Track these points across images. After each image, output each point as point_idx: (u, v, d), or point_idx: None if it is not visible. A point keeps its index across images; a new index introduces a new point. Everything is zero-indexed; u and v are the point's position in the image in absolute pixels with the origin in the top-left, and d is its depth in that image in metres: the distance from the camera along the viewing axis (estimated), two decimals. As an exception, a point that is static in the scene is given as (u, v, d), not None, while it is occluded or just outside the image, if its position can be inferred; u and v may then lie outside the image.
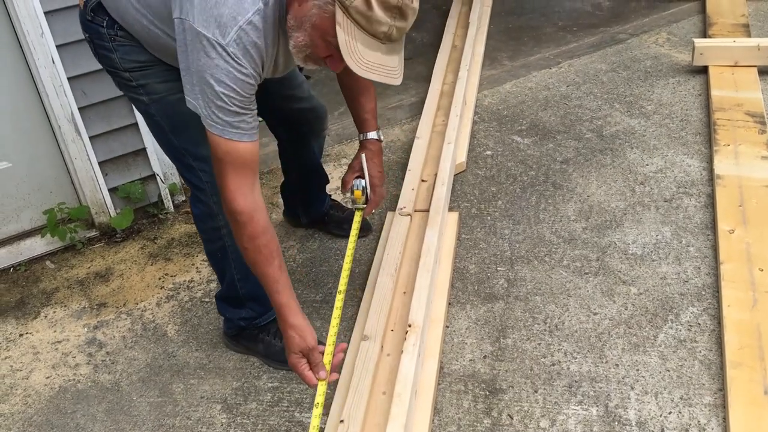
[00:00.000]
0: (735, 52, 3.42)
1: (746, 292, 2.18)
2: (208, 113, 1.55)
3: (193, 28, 1.49)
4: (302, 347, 1.69)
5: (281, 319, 1.71)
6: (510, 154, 3.07)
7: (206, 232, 2.05)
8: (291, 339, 1.69)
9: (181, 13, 1.53)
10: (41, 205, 2.75)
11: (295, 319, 1.69)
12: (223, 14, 1.47)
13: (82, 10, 1.83)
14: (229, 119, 1.55)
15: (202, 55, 1.49)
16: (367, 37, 1.46)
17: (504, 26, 4.38)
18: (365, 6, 1.42)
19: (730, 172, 2.71)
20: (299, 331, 1.69)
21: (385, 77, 1.53)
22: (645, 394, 1.95)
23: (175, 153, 1.95)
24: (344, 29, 1.45)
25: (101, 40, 1.81)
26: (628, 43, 3.96)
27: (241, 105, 1.55)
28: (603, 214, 2.65)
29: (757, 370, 1.94)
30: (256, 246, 1.66)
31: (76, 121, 2.59)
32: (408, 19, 1.49)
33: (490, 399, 1.99)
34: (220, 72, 1.50)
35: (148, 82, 1.83)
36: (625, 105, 3.35)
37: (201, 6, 1.48)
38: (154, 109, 1.87)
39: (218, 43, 1.47)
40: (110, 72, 1.89)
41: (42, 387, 2.19)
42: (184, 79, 1.58)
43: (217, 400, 2.08)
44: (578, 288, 2.33)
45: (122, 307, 2.47)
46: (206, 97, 1.53)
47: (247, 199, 1.62)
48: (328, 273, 2.51)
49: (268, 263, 1.68)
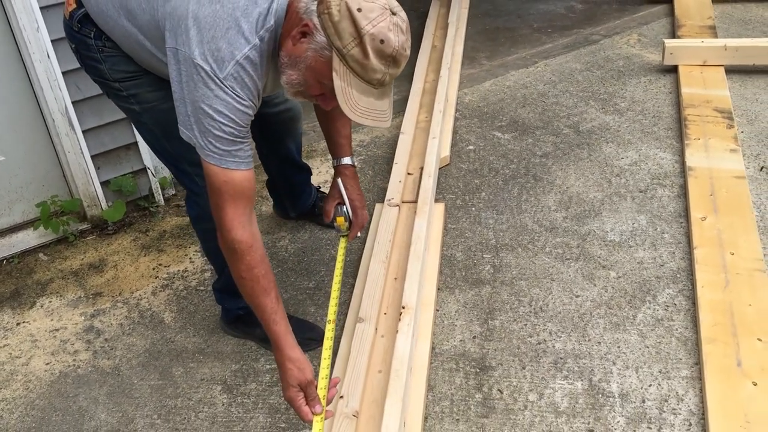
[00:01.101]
0: (703, 52, 3.58)
1: (718, 275, 2.31)
2: (205, 143, 1.58)
3: (190, 59, 1.53)
4: (300, 380, 1.68)
5: (278, 351, 1.70)
6: (491, 148, 3.18)
7: (203, 232, 2.10)
8: (289, 372, 1.68)
9: (177, 44, 1.56)
10: (33, 199, 2.79)
11: (293, 352, 1.69)
12: (221, 48, 1.51)
13: (68, 21, 1.83)
14: (228, 148, 1.58)
15: (201, 86, 1.53)
16: (361, 83, 1.52)
17: (481, 28, 4.51)
18: (362, 55, 1.48)
19: (701, 164, 2.85)
20: (298, 364, 1.69)
21: (376, 121, 1.59)
22: (626, 369, 2.07)
23: (170, 159, 1.97)
24: (340, 76, 1.51)
25: (89, 51, 1.82)
26: (600, 44, 4.11)
27: (238, 134, 1.59)
28: (582, 204, 2.77)
29: (730, 345, 2.06)
30: (254, 276, 1.67)
31: (70, 115, 2.63)
32: (400, 66, 1.55)
33: (481, 376, 2.08)
34: (218, 103, 1.54)
35: (139, 91, 1.85)
36: (600, 102, 3.49)
37: (198, 39, 1.52)
38: (146, 117, 1.89)
39: (216, 76, 1.52)
40: (99, 82, 1.90)
41: (42, 372, 2.24)
42: (179, 108, 1.61)
43: (216, 381, 2.15)
44: (560, 273, 2.44)
45: (118, 296, 2.52)
46: (203, 127, 1.56)
47: (246, 230, 1.65)
48: (320, 261, 2.59)
49: (266, 294, 1.69)
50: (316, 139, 3.34)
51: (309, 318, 2.33)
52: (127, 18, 1.71)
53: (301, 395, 1.70)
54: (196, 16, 1.53)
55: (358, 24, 1.46)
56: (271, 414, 2.02)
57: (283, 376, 1.71)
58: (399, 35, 1.51)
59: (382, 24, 1.48)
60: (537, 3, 4.85)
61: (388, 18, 1.49)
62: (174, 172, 2.03)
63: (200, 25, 1.53)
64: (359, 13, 1.46)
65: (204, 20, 1.52)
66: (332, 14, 1.47)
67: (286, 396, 1.71)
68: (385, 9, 1.50)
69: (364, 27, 1.47)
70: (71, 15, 1.81)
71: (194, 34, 1.53)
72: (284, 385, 1.71)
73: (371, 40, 1.48)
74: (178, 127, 1.67)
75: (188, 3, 1.55)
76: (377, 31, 1.47)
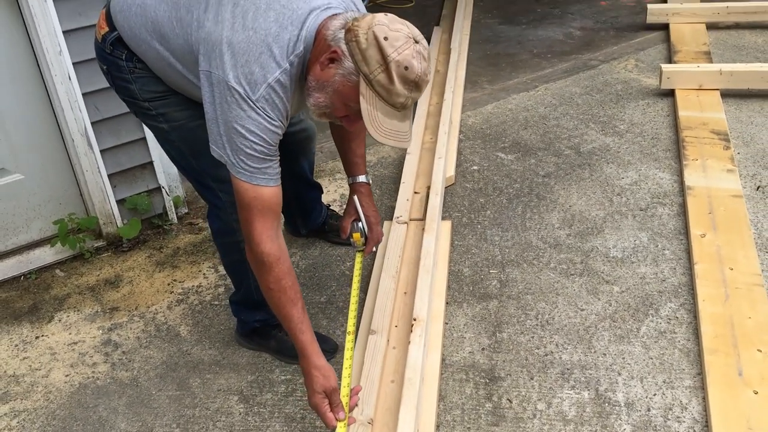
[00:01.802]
0: (699, 77, 3.69)
1: (719, 289, 2.39)
2: (236, 161, 1.66)
3: (224, 81, 1.61)
4: (326, 387, 1.79)
5: (305, 358, 1.80)
6: (495, 168, 3.27)
7: (224, 246, 2.16)
8: (315, 379, 1.78)
9: (211, 67, 1.64)
10: (51, 216, 2.86)
11: (319, 360, 1.80)
12: (254, 72, 1.60)
13: (100, 44, 1.92)
14: (258, 165, 1.67)
15: (234, 107, 1.62)
16: (386, 106, 1.62)
17: (482, 53, 4.63)
18: (387, 80, 1.58)
19: (699, 183, 2.95)
20: (324, 371, 1.79)
21: (399, 142, 1.69)
22: (631, 379, 2.13)
23: (195, 175, 2.05)
24: (366, 99, 1.60)
25: (120, 72, 1.91)
26: (599, 69, 4.23)
27: (268, 152, 1.68)
28: (584, 222, 2.85)
29: (732, 356, 2.14)
30: (282, 287, 1.76)
31: (89, 135, 2.72)
32: (422, 90, 1.65)
33: (490, 386, 2.15)
34: (251, 123, 1.63)
35: (168, 110, 1.93)
36: (600, 124, 3.59)
37: (232, 63, 1.61)
38: (175, 135, 1.97)
39: (249, 97, 1.60)
40: (128, 101, 1.98)
41: (62, 384, 2.29)
42: (210, 128, 1.69)
43: (233, 392, 2.21)
44: (565, 287, 2.52)
45: (134, 310, 2.59)
46: (235, 146, 1.65)
47: (274, 243, 1.74)
48: (331, 277, 2.66)
49: (293, 304, 1.78)
50: (323, 159, 3.42)
51: (321, 330, 2.39)
52: (159, 42, 1.79)
53: (326, 402, 1.79)
54: (230, 41, 1.61)
55: (385, 51, 1.56)
56: (287, 423, 2.08)
57: (308, 383, 1.80)
58: (422, 62, 1.60)
59: (406, 52, 1.57)
60: (536, 30, 4.98)
61: (412, 46, 1.59)
62: (197, 187, 2.10)
63: (234, 50, 1.61)
64: (386, 42, 1.56)
65: (238, 45, 1.61)
66: (360, 42, 1.57)
67: (311, 402, 1.80)
68: (409, 38, 1.59)
69: (390, 54, 1.56)
70: (104, 38, 1.90)
71: (228, 59, 1.61)
72: (310, 392, 1.80)
73: (396, 67, 1.57)
74: (204, 145, 1.75)
75: (222, 29, 1.63)
76: (402, 58, 1.57)
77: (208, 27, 1.66)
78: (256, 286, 2.10)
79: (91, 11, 2.59)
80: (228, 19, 1.64)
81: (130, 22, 1.83)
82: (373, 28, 1.57)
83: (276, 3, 1.64)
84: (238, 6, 1.65)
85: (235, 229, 2.02)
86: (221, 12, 1.65)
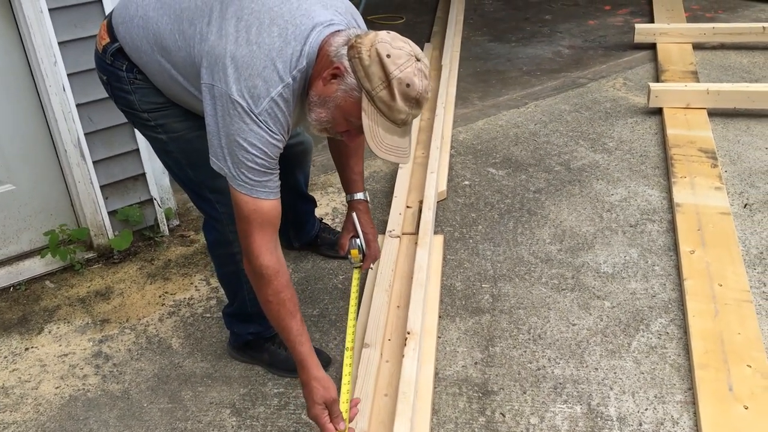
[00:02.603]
0: (687, 95, 3.75)
1: (708, 305, 2.42)
2: (237, 174, 1.67)
3: (226, 95, 1.63)
4: (326, 398, 1.80)
5: (304, 370, 1.81)
6: (486, 184, 3.30)
7: (220, 257, 2.16)
8: (315, 390, 1.79)
9: (213, 80, 1.65)
10: (41, 227, 2.84)
11: (318, 372, 1.81)
12: (258, 86, 1.62)
13: (101, 54, 1.93)
14: (259, 179, 1.69)
15: (237, 120, 1.63)
16: (387, 122, 1.64)
17: (473, 70, 4.67)
18: (389, 97, 1.60)
19: (688, 200, 2.98)
20: (324, 382, 1.81)
21: (399, 157, 1.71)
22: (623, 394, 2.15)
23: (192, 186, 2.06)
24: (368, 115, 1.63)
25: (120, 83, 1.92)
26: (588, 87, 4.28)
27: (269, 166, 1.69)
28: (575, 238, 2.88)
29: (722, 371, 2.16)
30: (281, 300, 1.78)
31: (82, 146, 2.71)
32: (422, 107, 1.67)
33: (483, 400, 2.15)
34: (253, 136, 1.64)
35: (167, 121, 1.94)
36: (589, 141, 3.63)
37: (235, 76, 1.62)
38: (173, 146, 1.98)
39: (251, 111, 1.62)
40: (127, 112, 1.99)
41: (52, 396, 2.27)
42: (211, 141, 1.70)
43: (225, 405, 2.20)
44: (557, 302, 2.54)
45: (125, 322, 2.57)
46: (236, 159, 1.66)
47: (272, 256, 1.75)
48: (323, 290, 2.66)
49: (292, 316, 1.80)
50: (315, 173, 3.43)
51: (314, 344, 2.36)
52: (161, 54, 1.81)
53: (326, 413, 1.80)
54: (233, 55, 1.63)
55: (387, 69, 1.59)
56: (280, 436, 2.08)
57: (308, 395, 1.81)
58: (423, 80, 1.63)
59: (408, 69, 1.60)
60: (525, 47, 5.04)
61: (414, 64, 1.62)
62: (194, 198, 2.10)
63: (238, 64, 1.63)
64: (388, 59, 1.59)
65: (242, 59, 1.63)
66: (363, 59, 1.59)
67: (311, 414, 1.81)
68: (411, 56, 1.62)
69: (393, 72, 1.59)
70: (105, 49, 1.91)
71: (232, 72, 1.63)
72: (309, 404, 1.81)
73: (398, 84, 1.60)
74: (202, 156, 1.76)
75: (226, 43, 1.65)
76: (404, 76, 1.60)
77: (212, 41, 1.68)
78: (251, 298, 2.12)
79: (87, 23, 2.60)
80: (232, 34, 1.65)
81: (132, 34, 1.84)
82: (376, 46, 1.59)
83: (279, 18, 1.66)
84: (242, 21, 1.66)
85: (231, 240, 2.03)
86: (225, 26, 1.67)
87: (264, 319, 2.22)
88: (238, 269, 2.06)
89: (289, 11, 1.67)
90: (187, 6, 1.76)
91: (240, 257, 1.95)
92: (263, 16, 1.66)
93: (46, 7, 2.48)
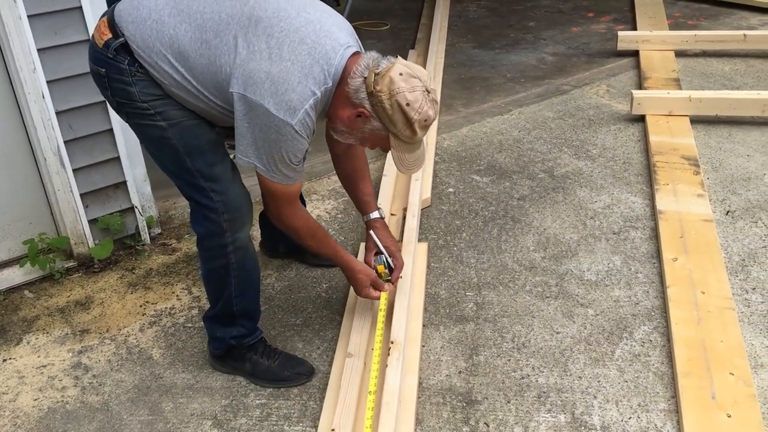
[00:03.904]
0: (669, 103, 3.77)
1: (691, 312, 2.42)
2: (273, 170, 1.93)
3: (262, 107, 1.82)
4: (371, 279, 2.31)
5: (349, 269, 2.29)
6: (470, 191, 3.29)
7: (211, 250, 2.15)
8: (361, 280, 2.30)
9: (246, 92, 1.83)
10: (20, 236, 2.81)
11: (359, 265, 2.30)
12: (293, 100, 1.83)
13: (101, 49, 1.95)
14: (290, 173, 1.96)
15: (273, 130, 1.85)
16: (409, 146, 1.97)
17: (457, 77, 4.68)
18: (411, 133, 1.91)
19: (670, 208, 2.99)
20: (366, 271, 2.31)
21: (419, 166, 2.07)
22: (607, 402, 2.15)
23: (186, 176, 2.06)
24: (395, 148, 1.96)
25: (121, 75, 1.94)
26: (571, 94, 4.30)
27: (298, 162, 1.96)
28: (559, 245, 2.88)
29: (705, 379, 2.16)
30: (318, 239, 2.19)
31: (62, 154, 2.68)
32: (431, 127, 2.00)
33: (467, 409, 2.14)
34: (289, 143, 1.88)
35: (166, 109, 1.98)
36: (573, 149, 3.64)
37: (272, 91, 1.81)
38: (172, 132, 2.00)
39: (289, 123, 1.84)
40: (123, 103, 2.00)
41: (30, 408, 2.23)
42: (241, 141, 1.90)
43: (207, 416, 2.17)
44: (541, 310, 2.53)
45: (105, 333, 2.54)
46: (273, 159, 1.91)
47: (301, 219, 2.13)
48: (307, 299, 2.65)
49: (327, 243, 2.23)
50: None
51: (297, 353, 2.37)
52: (175, 58, 1.90)
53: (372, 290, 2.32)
54: (269, 72, 1.82)
55: (408, 115, 1.87)
56: (262, 448, 2.05)
57: (357, 284, 2.31)
58: (434, 107, 1.91)
59: (424, 108, 1.88)
60: (509, 54, 5.05)
61: (427, 98, 1.88)
62: (187, 189, 2.09)
63: (274, 80, 1.81)
64: (408, 107, 1.86)
65: (278, 76, 1.82)
66: (385, 108, 1.87)
67: (362, 294, 2.33)
68: (424, 92, 1.88)
69: (413, 117, 1.87)
70: (106, 44, 1.93)
71: (268, 87, 1.82)
72: (358, 288, 2.32)
73: (418, 123, 1.89)
74: (200, 143, 1.99)
75: (260, 59, 1.83)
76: (422, 116, 1.88)
77: (244, 55, 1.84)
78: (237, 295, 2.20)
79: (67, 29, 2.57)
80: (264, 50, 1.83)
81: (143, 35, 1.90)
82: (396, 98, 1.84)
83: (307, 38, 1.85)
84: (273, 38, 1.83)
85: (225, 229, 2.09)
86: (255, 42, 1.84)
87: (247, 320, 2.26)
88: (228, 262, 2.14)
89: (314, 32, 1.86)
90: (210, 17, 1.88)
91: (232, 248, 2.11)
92: (292, 35, 1.84)
93: (24, 14, 2.45)
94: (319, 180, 3.46)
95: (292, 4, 1.90)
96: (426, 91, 1.88)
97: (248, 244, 2.17)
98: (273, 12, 1.86)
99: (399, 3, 6.33)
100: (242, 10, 1.87)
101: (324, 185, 3.42)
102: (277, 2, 1.89)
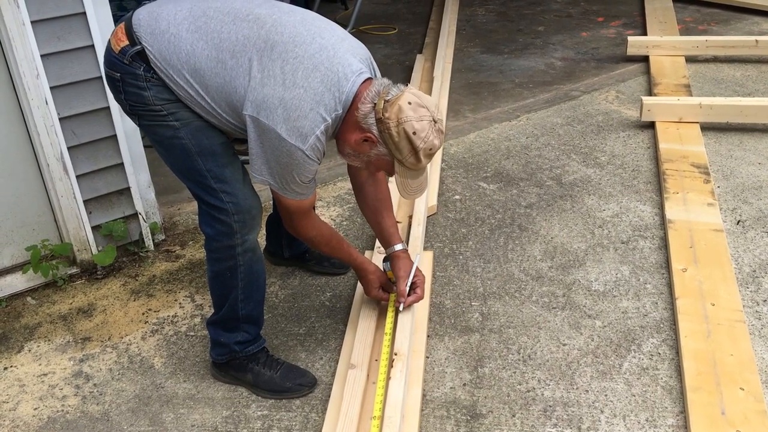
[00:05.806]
0: (679, 109, 3.72)
1: (701, 325, 2.38)
2: (287, 188, 1.98)
3: (274, 131, 1.87)
4: (381, 282, 2.39)
5: (362, 270, 2.37)
6: (477, 198, 3.26)
7: (219, 251, 2.13)
8: (372, 282, 2.37)
9: (259, 115, 1.87)
10: (23, 242, 2.79)
11: (371, 267, 2.39)
12: (305, 126, 1.87)
13: (117, 54, 1.96)
14: (302, 190, 2.01)
15: (285, 155, 1.89)
16: (413, 173, 2.00)
17: (465, 82, 4.64)
18: (415, 160, 1.94)
19: (680, 217, 2.95)
20: (377, 273, 2.39)
21: (422, 192, 2.10)
22: (614, 417, 2.11)
23: (196, 176, 2.07)
24: (399, 173, 1.99)
25: (136, 80, 1.96)
26: (580, 100, 4.25)
27: (309, 179, 2.00)
28: (566, 254, 2.84)
29: (714, 394, 2.12)
30: (332, 246, 2.26)
31: (65, 160, 2.66)
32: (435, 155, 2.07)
33: (472, 423, 2.11)
34: (299, 166, 1.92)
35: (179, 110, 2.00)
36: (581, 156, 3.60)
37: (284, 117, 1.86)
38: (184, 132, 2.02)
39: (300, 148, 1.88)
40: (136, 107, 2.01)
41: (30, 418, 2.21)
42: (255, 161, 1.95)
43: (207, 428, 2.14)
44: (547, 321, 2.49)
45: (107, 341, 2.52)
46: (285, 180, 1.96)
47: (315, 227, 2.18)
48: (310, 308, 2.62)
49: (341, 247, 2.29)
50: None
51: (300, 363, 2.34)
52: (190, 74, 1.93)
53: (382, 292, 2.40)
54: (282, 98, 1.85)
55: (414, 143, 1.90)
56: (263, 461, 2.02)
57: (367, 284, 2.39)
58: (440, 136, 1.95)
59: (430, 137, 1.92)
60: (518, 59, 5.01)
61: (433, 128, 1.92)
62: (197, 191, 2.09)
63: (287, 106, 1.85)
64: (414, 136, 1.89)
65: (290, 102, 1.85)
66: (392, 135, 1.90)
67: (371, 295, 2.40)
68: (431, 122, 1.91)
69: (419, 145, 1.91)
70: (123, 50, 1.96)
71: (281, 113, 1.86)
72: (369, 288, 2.39)
73: (423, 152, 1.92)
74: (211, 142, 2.02)
75: (274, 84, 1.86)
76: (427, 145, 1.92)
77: (259, 78, 1.87)
78: (243, 298, 2.20)
79: (70, 35, 2.55)
80: (278, 75, 1.86)
81: (161, 47, 1.93)
82: (404, 126, 1.88)
83: (321, 65, 1.88)
84: (288, 63, 1.87)
85: (234, 230, 2.10)
86: (270, 67, 1.87)
87: (252, 326, 2.24)
88: (236, 264, 2.14)
89: (327, 59, 1.89)
90: (227, 38, 1.91)
91: (240, 249, 2.12)
92: (306, 62, 1.87)
93: (28, 20, 2.44)
94: (324, 187, 3.43)
95: (308, 29, 1.93)
96: (433, 121, 1.91)
97: (256, 246, 2.17)
98: (289, 37, 1.90)
99: (407, 7, 6.30)
100: (259, 33, 1.90)
101: (329, 192, 3.39)
102: (293, 26, 1.92)
